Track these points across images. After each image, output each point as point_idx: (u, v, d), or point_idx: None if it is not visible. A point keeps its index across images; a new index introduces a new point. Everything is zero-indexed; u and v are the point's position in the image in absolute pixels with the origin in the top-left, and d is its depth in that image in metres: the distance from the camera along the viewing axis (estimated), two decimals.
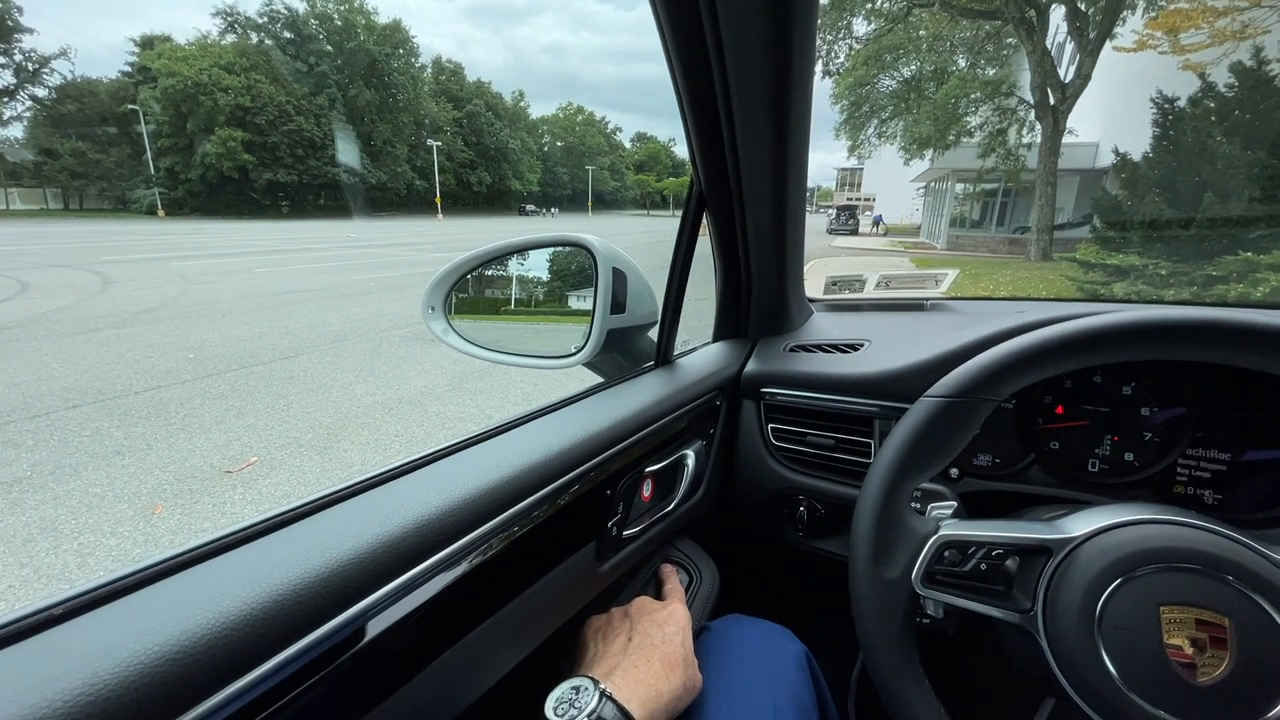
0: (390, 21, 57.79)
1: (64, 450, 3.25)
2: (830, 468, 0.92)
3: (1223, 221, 6.08)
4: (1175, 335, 0.52)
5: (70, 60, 52.32)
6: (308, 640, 0.35)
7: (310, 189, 50.52)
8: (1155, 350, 0.52)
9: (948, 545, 0.55)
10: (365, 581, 0.39)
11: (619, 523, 0.70)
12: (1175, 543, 0.47)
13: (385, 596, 0.40)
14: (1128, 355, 0.53)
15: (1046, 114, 12.44)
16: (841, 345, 0.99)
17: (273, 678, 0.33)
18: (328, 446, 3.42)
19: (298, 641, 0.35)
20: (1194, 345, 0.52)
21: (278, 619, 0.34)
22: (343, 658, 0.38)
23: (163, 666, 0.29)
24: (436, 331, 0.89)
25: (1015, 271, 10.54)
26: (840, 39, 17.09)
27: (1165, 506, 0.52)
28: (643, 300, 0.88)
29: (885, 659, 0.54)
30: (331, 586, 0.37)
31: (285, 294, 8.72)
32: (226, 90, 43.44)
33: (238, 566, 0.38)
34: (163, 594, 0.35)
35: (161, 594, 0.35)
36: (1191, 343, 0.52)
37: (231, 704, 0.31)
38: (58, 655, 0.29)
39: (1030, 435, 0.81)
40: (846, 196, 70.01)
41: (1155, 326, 0.52)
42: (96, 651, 0.29)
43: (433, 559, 0.44)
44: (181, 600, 0.34)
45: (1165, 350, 0.52)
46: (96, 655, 0.29)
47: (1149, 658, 0.45)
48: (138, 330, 6.13)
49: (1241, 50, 7.12)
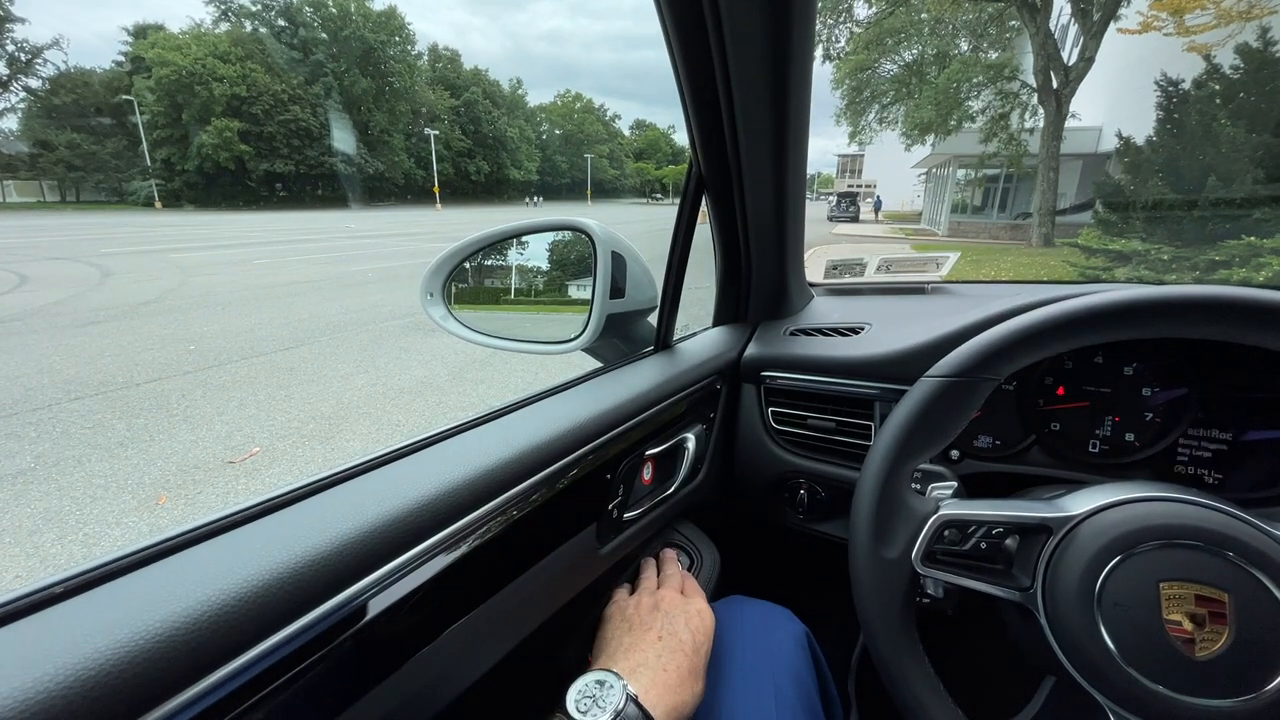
0: (385, 8, 57.20)
1: (67, 442, 3.26)
2: (830, 450, 0.92)
3: (1226, 205, 6.04)
4: (1174, 312, 0.51)
5: (63, 50, 51.71)
6: (309, 618, 0.35)
7: (308, 179, 50.26)
8: (1155, 328, 0.52)
9: (948, 524, 0.55)
10: (366, 561, 0.39)
11: (619, 505, 0.70)
12: (1175, 519, 0.47)
13: (385, 575, 0.40)
14: (1128, 333, 0.53)
15: (1049, 98, 12.31)
16: (842, 329, 0.98)
17: (274, 655, 0.33)
18: (329, 437, 3.43)
19: (299, 619, 0.35)
20: (1193, 322, 0.51)
21: (279, 597, 0.34)
22: (343, 636, 0.38)
23: (163, 644, 0.29)
24: (435, 317, 0.89)
25: (1016, 257, 10.50)
26: (841, 23, 16.90)
27: (1165, 484, 0.52)
28: (642, 285, 0.87)
29: (886, 638, 0.55)
30: (333, 565, 0.38)
31: (284, 285, 8.71)
32: (222, 80, 43.09)
33: (238, 546, 0.38)
34: (163, 574, 0.35)
35: (162, 574, 0.35)
36: (1191, 319, 0.51)
37: (232, 681, 0.31)
38: (59, 633, 0.29)
39: (1031, 416, 0.81)
40: (847, 183, 69.58)
41: (1155, 304, 0.51)
42: (98, 629, 0.29)
43: (433, 539, 0.44)
44: (182, 580, 0.34)
45: (1165, 327, 0.52)
46: (98, 632, 0.29)
47: (1148, 633, 0.45)
48: (138, 323, 6.13)
49: (1248, 31, 7.02)
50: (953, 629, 0.87)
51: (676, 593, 0.70)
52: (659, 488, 0.81)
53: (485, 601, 0.52)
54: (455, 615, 0.49)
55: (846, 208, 29.52)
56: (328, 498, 0.44)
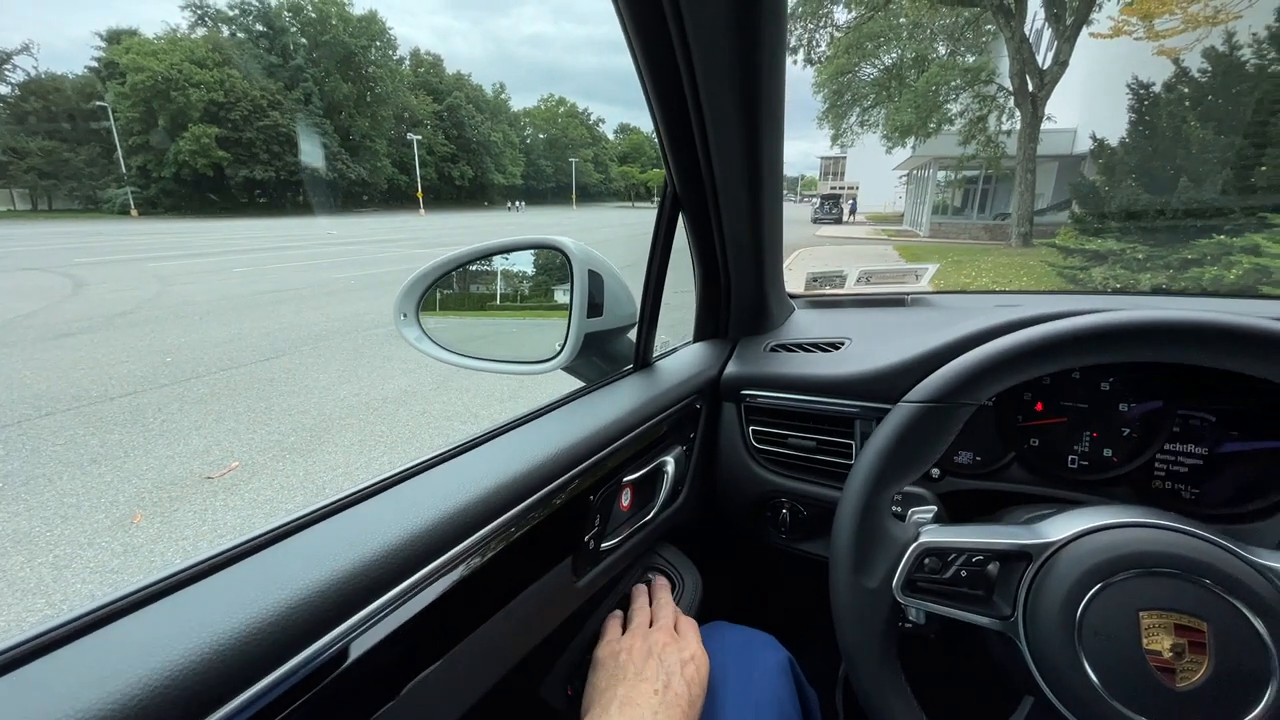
0: (366, 13, 56.73)
1: (37, 459, 3.17)
2: (812, 469, 0.91)
3: (1198, 206, 6.18)
4: (1156, 337, 0.51)
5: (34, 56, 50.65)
6: (289, 665, 0.35)
7: (288, 185, 49.52)
8: (1137, 352, 0.52)
9: (928, 552, 0.54)
10: (344, 606, 0.39)
11: (596, 536, 0.68)
12: (1153, 547, 0.47)
13: (362, 620, 0.40)
14: (1108, 357, 0.53)
15: (1025, 100, 12.54)
16: (822, 344, 0.98)
17: (255, 705, 0.33)
18: (311, 449, 3.37)
19: (278, 668, 0.34)
20: (1171, 346, 0.51)
21: (256, 647, 0.34)
22: (324, 681, 0.37)
23: (141, 699, 0.29)
24: (410, 339, 0.87)
25: (996, 258, 10.65)
26: (821, 27, 17.09)
27: (1144, 508, 0.52)
28: (620, 302, 0.86)
29: (867, 670, 0.54)
30: (313, 611, 0.37)
31: (264, 293, 8.57)
32: (198, 85, 42.38)
33: (215, 593, 0.37)
34: (141, 624, 0.34)
35: (140, 624, 0.34)
36: (1169, 344, 0.51)
37: None
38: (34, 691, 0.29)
39: (1010, 433, 0.81)
40: (830, 185, 70.34)
41: (1137, 329, 0.51)
42: (72, 687, 0.29)
43: (403, 585, 0.43)
44: (163, 629, 0.33)
45: (1146, 352, 0.52)
46: (72, 691, 0.28)
47: (1129, 663, 0.45)
48: (113, 334, 5.99)
49: (1214, 36, 7.21)
50: (933, 650, 0.86)
51: (670, 634, 0.68)
52: (638, 513, 0.79)
53: (463, 640, 0.50)
54: (433, 656, 0.48)
55: (830, 209, 29.99)
56: (294, 543, 0.43)
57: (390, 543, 0.43)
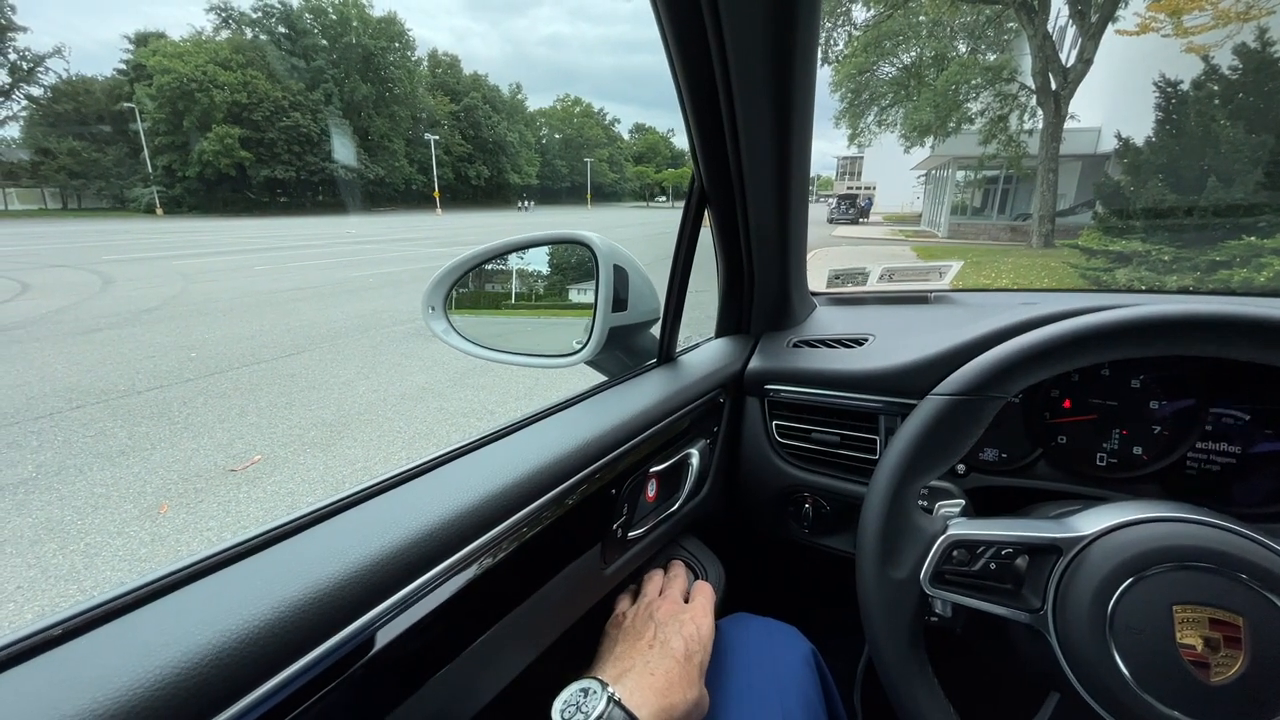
0: (385, 15, 57.45)
1: (68, 451, 3.26)
2: (835, 464, 0.91)
3: (1227, 206, 6.03)
4: (1184, 331, 0.51)
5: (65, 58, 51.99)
6: (318, 652, 0.35)
7: (309, 185, 50.36)
8: (1165, 346, 0.52)
9: (956, 545, 0.54)
10: (374, 591, 0.39)
11: (624, 524, 0.69)
12: (1187, 541, 0.47)
13: (394, 605, 0.40)
14: (1138, 351, 0.53)
15: (1048, 99, 12.33)
16: (845, 340, 0.98)
17: (284, 690, 0.33)
18: (331, 444, 3.43)
19: (308, 653, 0.34)
20: (1203, 340, 0.51)
21: (284, 633, 0.34)
22: (353, 668, 0.37)
23: (167, 687, 0.29)
24: (437, 331, 0.89)
25: (1017, 259, 10.49)
26: (840, 25, 16.94)
27: (1176, 503, 0.51)
28: (644, 297, 0.87)
29: (894, 661, 0.54)
30: (341, 597, 0.37)
31: (285, 291, 8.72)
32: (222, 87, 43.24)
33: (244, 579, 0.37)
34: (166, 611, 0.34)
35: (164, 611, 0.34)
36: (1200, 338, 0.51)
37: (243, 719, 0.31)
38: (57, 679, 0.29)
39: (1038, 430, 0.81)
40: (847, 185, 69.71)
41: (1167, 322, 0.51)
42: (100, 673, 0.29)
43: (439, 567, 0.44)
44: (187, 617, 0.33)
45: (1175, 346, 0.51)
46: (100, 677, 0.28)
47: (1162, 657, 0.45)
48: (139, 330, 6.14)
49: (1245, 32, 7.03)
50: (959, 644, 0.86)
51: (674, 602, 0.69)
52: (663, 504, 0.80)
53: (492, 626, 0.51)
54: (462, 642, 0.48)
55: (846, 209, 29.78)
56: (331, 526, 0.44)
57: (431, 523, 0.44)
